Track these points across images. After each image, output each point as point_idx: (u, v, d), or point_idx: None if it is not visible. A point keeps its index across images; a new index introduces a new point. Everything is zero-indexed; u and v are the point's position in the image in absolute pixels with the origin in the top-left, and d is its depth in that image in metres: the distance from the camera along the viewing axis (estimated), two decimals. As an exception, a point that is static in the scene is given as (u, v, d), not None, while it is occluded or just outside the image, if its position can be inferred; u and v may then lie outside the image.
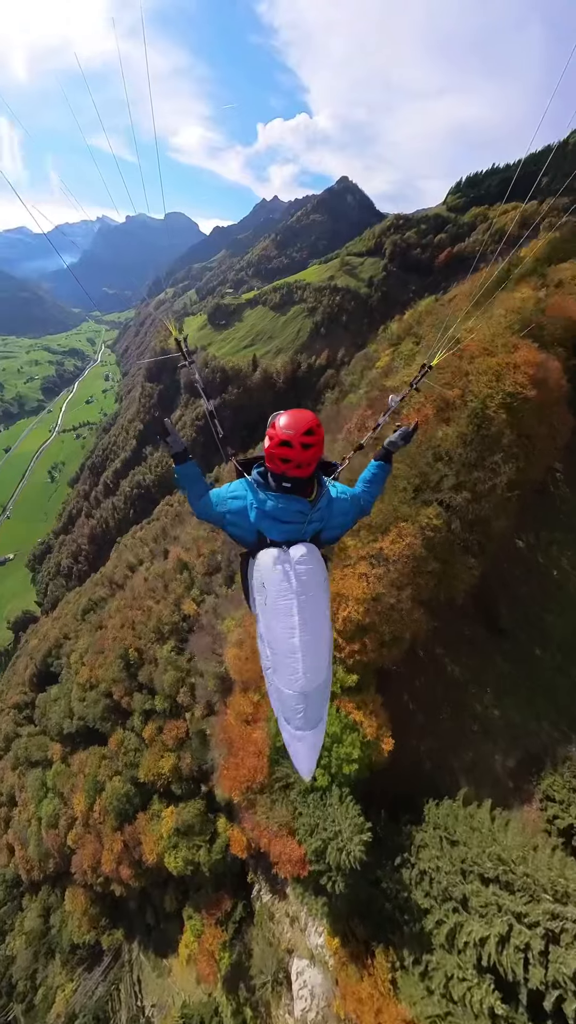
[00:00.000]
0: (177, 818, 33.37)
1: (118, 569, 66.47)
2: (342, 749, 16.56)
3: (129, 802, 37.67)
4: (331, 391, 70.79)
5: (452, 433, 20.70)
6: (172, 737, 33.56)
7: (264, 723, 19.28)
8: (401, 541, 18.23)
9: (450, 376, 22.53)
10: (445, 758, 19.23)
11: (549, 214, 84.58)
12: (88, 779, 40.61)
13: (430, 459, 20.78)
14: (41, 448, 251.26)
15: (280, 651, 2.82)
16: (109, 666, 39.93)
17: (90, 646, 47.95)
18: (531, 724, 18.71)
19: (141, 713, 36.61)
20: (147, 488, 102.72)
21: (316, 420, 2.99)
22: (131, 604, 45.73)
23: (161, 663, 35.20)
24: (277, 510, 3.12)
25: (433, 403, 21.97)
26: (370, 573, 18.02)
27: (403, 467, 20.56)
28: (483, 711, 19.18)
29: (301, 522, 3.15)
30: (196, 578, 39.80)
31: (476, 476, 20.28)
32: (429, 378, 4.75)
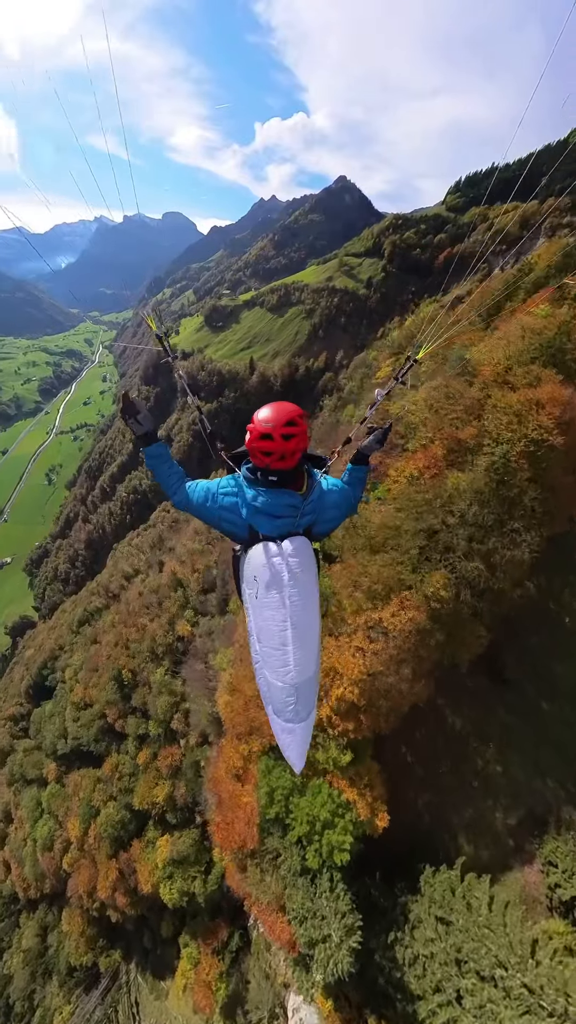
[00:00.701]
0: (172, 848, 32.53)
1: (114, 579, 65.49)
2: (334, 836, 15.35)
3: (124, 828, 37.05)
4: (329, 397, 69.54)
5: (466, 484, 18.21)
6: (166, 765, 32.58)
7: (253, 788, 18.07)
8: (403, 614, 16.42)
9: (463, 411, 20.20)
10: (444, 813, 18.08)
11: (551, 214, 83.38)
12: (83, 803, 40.04)
13: (439, 513, 18.25)
14: (38, 450, 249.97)
15: (270, 644, 2.81)
16: (103, 687, 38.98)
17: (84, 662, 47.02)
18: (535, 781, 17.47)
19: (135, 738, 35.66)
20: (143, 493, 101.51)
21: (298, 411, 2.95)
22: (125, 620, 44.71)
23: (155, 687, 34.14)
24: (268, 505, 3.08)
25: (444, 442, 19.65)
26: (367, 648, 16.41)
27: (409, 522, 18.42)
28: (484, 766, 17.93)
29: (293, 516, 3.11)
30: (191, 597, 38.68)
31: (493, 543, 17.75)
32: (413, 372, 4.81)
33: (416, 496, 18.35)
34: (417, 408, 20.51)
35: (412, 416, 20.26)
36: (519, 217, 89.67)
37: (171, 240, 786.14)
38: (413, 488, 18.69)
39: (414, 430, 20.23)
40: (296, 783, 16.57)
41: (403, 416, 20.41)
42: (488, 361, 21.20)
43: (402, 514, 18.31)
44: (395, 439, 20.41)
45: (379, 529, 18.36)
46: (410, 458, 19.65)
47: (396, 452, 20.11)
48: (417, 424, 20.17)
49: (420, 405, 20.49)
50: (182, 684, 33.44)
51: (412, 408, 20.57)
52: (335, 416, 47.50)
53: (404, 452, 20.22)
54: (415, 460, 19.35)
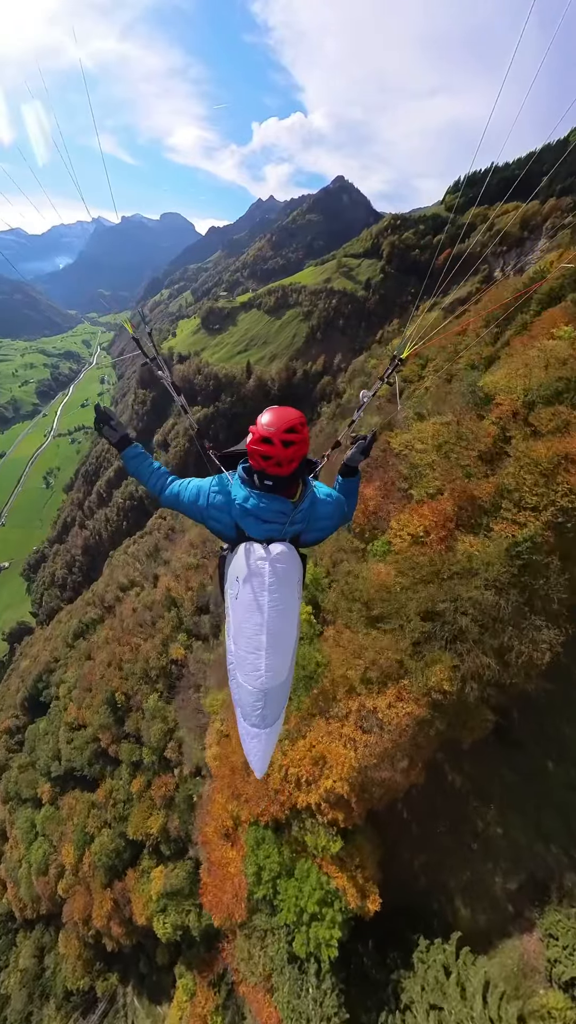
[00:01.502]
0: (165, 881, 31.42)
1: (109, 589, 64.39)
2: (322, 930, 14.08)
3: (119, 857, 36.27)
4: (328, 403, 68.06)
5: (480, 557, 15.49)
6: (160, 795, 31.48)
7: (241, 858, 16.79)
8: (401, 706, 14.48)
9: (476, 457, 17.57)
10: (441, 875, 16.84)
11: (552, 214, 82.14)
12: (77, 829, 39.23)
13: (447, 588, 15.65)
14: (36, 453, 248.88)
15: (245, 647, 2.80)
16: (96, 709, 37.93)
17: (78, 680, 45.97)
18: (537, 845, 16.17)
19: (129, 764, 34.54)
20: (139, 499, 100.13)
21: (300, 418, 2.95)
22: (119, 637, 43.59)
23: (148, 713, 32.98)
24: (259, 508, 3.06)
25: (455, 495, 17.10)
26: (359, 739, 14.69)
27: (411, 591, 16.17)
28: (485, 828, 16.64)
29: (282, 523, 3.08)
30: (184, 617, 37.48)
31: (508, 637, 15.07)
32: None
33: (420, 559, 16.31)
34: (424, 447, 18.38)
35: (418, 456, 18.25)
36: (519, 217, 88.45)
37: (169, 241, 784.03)
38: (417, 549, 16.63)
39: (420, 474, 18.11)
40: (284, 864, 15.36)
41: (408, 454, 18.55)
42: (505, 391, 18.71)
43: (403, 579, 16.27)
44: (399, 482, 18.50)
45: (377, 591, 16.49)
46: (415, 510, 17.47)
47: (398, 497, 18.31)
48: (423, 467, 18.03)
49: (427, 443, 18.37)
50: (176, 711, 32.25)
51: (418, 446, 18.47)
52: (333, 425, 46.11)
53: (408, 499, 18.21)
54: (420, 514, 17.14)
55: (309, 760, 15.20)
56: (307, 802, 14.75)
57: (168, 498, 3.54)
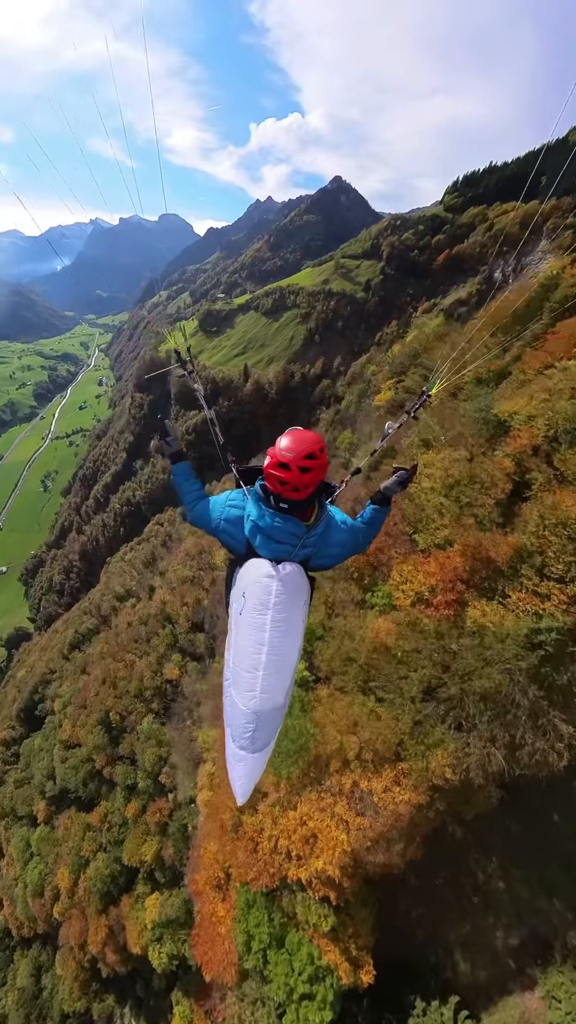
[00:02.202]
0: (160, 910, 30.36)
1: (106, 599, 63.44)
2: (312, 1011, 13.00)
3: (113, 882, 35.26)
4: (326, 409, 66.89)
5: (493, 631, 13.46)
6: (155, 821, 30.43)
7: (232, 920, 15.68)
8: (398, 792, 13.13)
9: (493, 504, 15.56)
10: (439, 928, 15.76)
11: (552, 215, 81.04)
12: (72, 852, 38.44)
13: (452, 664, 13.92)
14: (34, 456, 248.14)
15: (243, 665, 2.73)
16: (91, 729, 37.02)
17: (73, 696, 45.06)
18: (540, 900, 15.06)
19: (124, 788, 33.52)
20: (137, 505, 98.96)
21: (319, 443, 2.94)
22: (114, 652, 42.65)
23: (142, 736, 31.99)
24: (272, 528, 3.02)
25: (467, 552, 14.83)
26: (352, 821, 13.54)
27: (416, 677, 14.40)
28: (486, 880, 15.51)
29: (294, 545, 3.04)
30: (179, 635, 36.43)
31: (521, 732, 13.21)
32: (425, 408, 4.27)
33: (425, 623, 14.56)
34: (432, 485, 16.55)
35: (424, 496, 16.42)
36: (520, 218, 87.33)
37: (168, 242, 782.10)
38: (422, 610, 14.84)
39: (427, 518, 16.22)
40: (274, 933, 14.29)
41: (413, 492, 16.74)
42: (525, 422, 16.64)
43: (405, 644, 14.59)
44: (403, 527, 16.98)
45: (375, 653, 14.96)
46: (420, 563, 15.61)
47: (402, 540, 16.73)
48: (430, 510, 16.19)
49: (436, 481, 16.55)
50: (171, 732, 31.21)
51: (425, 483, 16.60)
52: (331, 434, 45.03)
53: (412, 544, 16.44)
54: (426, 569, 15.28)
55: (300, 837, 14.10)
56: (297, 876, 13.66)
57: (194, 518, 3.64)
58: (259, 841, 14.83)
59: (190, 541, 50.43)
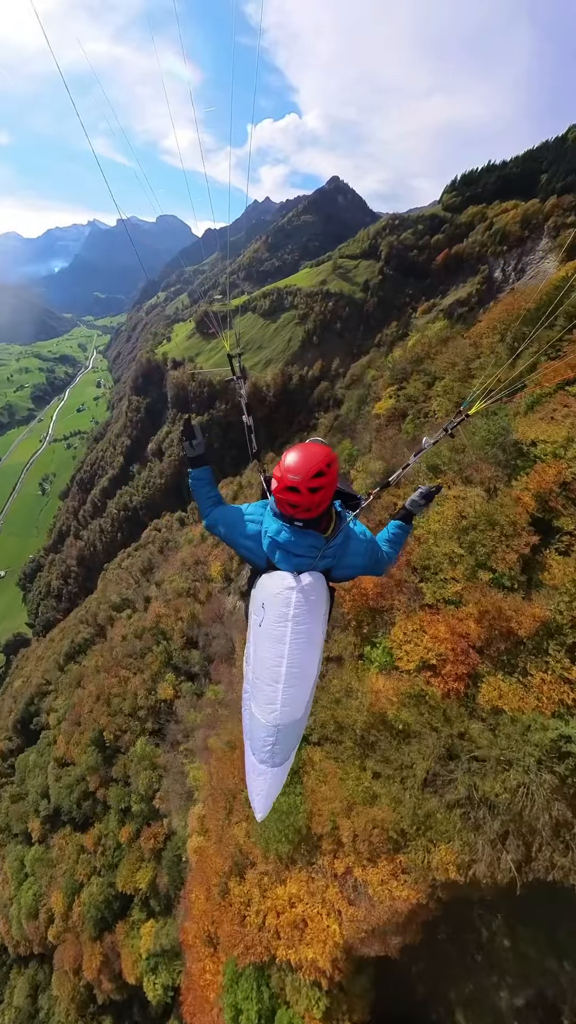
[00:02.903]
0: (155, 940, 29.24)
1: (102, 608, 62.39)
2: None
3: (108, 907, 34.10)
4: (324, 413, 65.64)
5: (511, 718, 11.55)
6: (150, 847, 29.28)
7: (220, 986, 14.43)
8: (396, 888, 11.34)
9: (516, 558, 13.56)
10: (440, 985, 14.58)
11: (553, 213, 79.85)
12: (66, 876, 37.32)
13: (459, 746, 12.14)
14: (32, 459, 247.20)
15: (263, 678, 2.68)
16: (84, 748, 35.89)
17: (67, 711, 43.98)
18: (549, 961, 13.83)
19: (118, 811, 32.38)
20: (134, 510, 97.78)
21: (328, 458, 2.81)
22: (109, 666, 41.53)
23: (136, 758, 30.85)
24: (290, 542, 2.97)
25: (479, 616, 12.86)
26: (344, 911, 12.08)
27: (419, 764, 12.52)
28: (490, 937, 14.28)
29: (313, 557, 2.99)
30: (173, 652, 35.30)
31: (539, 843, 11.31)
32: None
33: (430, 692, 12.63)
34: (443, 528, 14.39)
35: (433, 541, 14.30)
36: (519, 216, 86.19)
37: (165, 243, 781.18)
38: (428, 677, 12.66)
39: (436, 567, 14.15)
40: (264, 1010, 13.10)
41: (422, 535, 14.78)
42: (552, 454, 14.40)
43: (407, 716, 12.64)
44: (407, 573, 14.97)
45: (372, 721, 13.22)
46: (427, 622, 13.44)
47: (407, 588, 14.68)
48: (440, 557, 14.13)
49: (447, 521, 14.48)
50: (164, 754, 30.06)
51: (435, 524, 14.50)
52: (330, 439, 43.79)
53: (417, 595, 14.37)
54: (434, 628, 13.13)
55: (288, 921, 12.87)
56: (287, 957, 12.48)
57: (209, 524, 3.61)
58: (246, 914, 13.64)
59: (186, 550, 49.36)
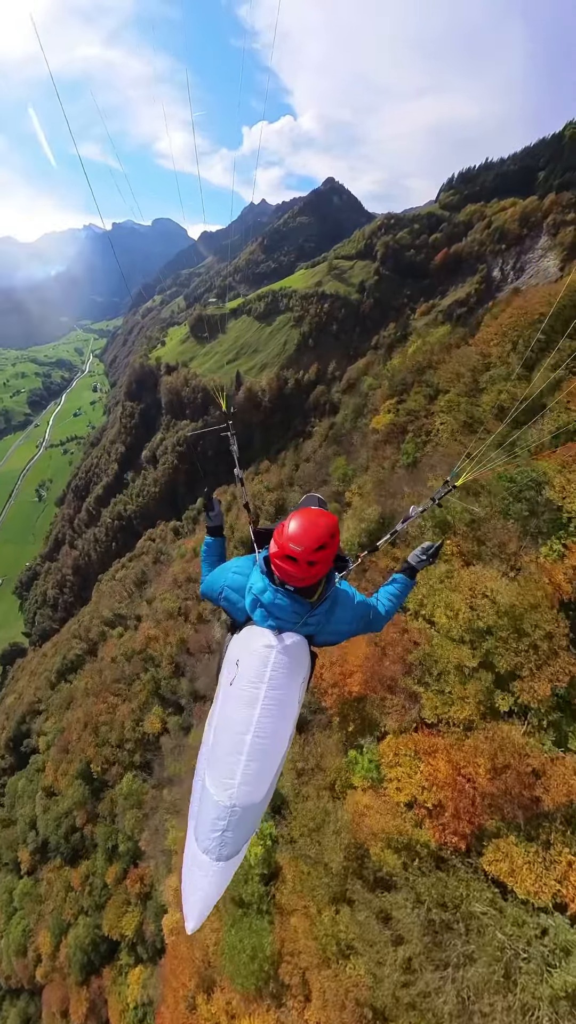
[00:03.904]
0: (142, 990, 27.39)
1: (94, 623, 60.66)
2: None
3: (95, 950, 32.29)
4: (320, 421, 63.81)
5: (521, 898, 9.06)
6: (135, 891, 27.46)
7: None
8: None
9: (544, 697, 11.07)
10: None
11: (552, 210, 78.19)
12: (54, 916, 35.59)
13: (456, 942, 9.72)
14: (28, 465, 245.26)
15: (224, 745, 2.40)
16: (71, 781, 34.18)
17: (56, 737, 42.27)
18: None
19: (105, 849, 30.60)
20: (128, 519, 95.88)
21: (331, 530, 2.71)
22: (97, 689, 39.76)
23: (122, 797, 29.13)
24: (273, 604, 2.82)
25: (495, 770, 10.51)
26: None
27: (402, 945, 10.15)
28: None
29: (295, 623, 2.83)
30: (161, 681, 33.53)
31: None
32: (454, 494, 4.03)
33: (421, 839, 10.06)
34: (452, 625, 11.25)
35: (438, 641, 11.36)
36: (518, 214, 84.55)
37: (161, 246, 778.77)
38: (420, 820, 9.96)
39: (439, 674, 11.11)
40: None
41: (422, 627, 12.01)
42: None
43: (391, 857, 10.07)
44: (404, 678, 12.21)
45: (350, 854, 10.71)
46: (425, 746, 10.64)
47: (400, 689, 11.91)
48: (446, 663, 11.21)
49: (457, 616, 11.32)
50: (151, 788, 28.26)
51: (441, 617, 11.43)
52: (325, 450, 42.01)
53: (412, 700, 11.75)
54: (432, 764, 10.39)
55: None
56: None
57: (203, 591, 3.58)
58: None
59: (178, 566, 47.67)
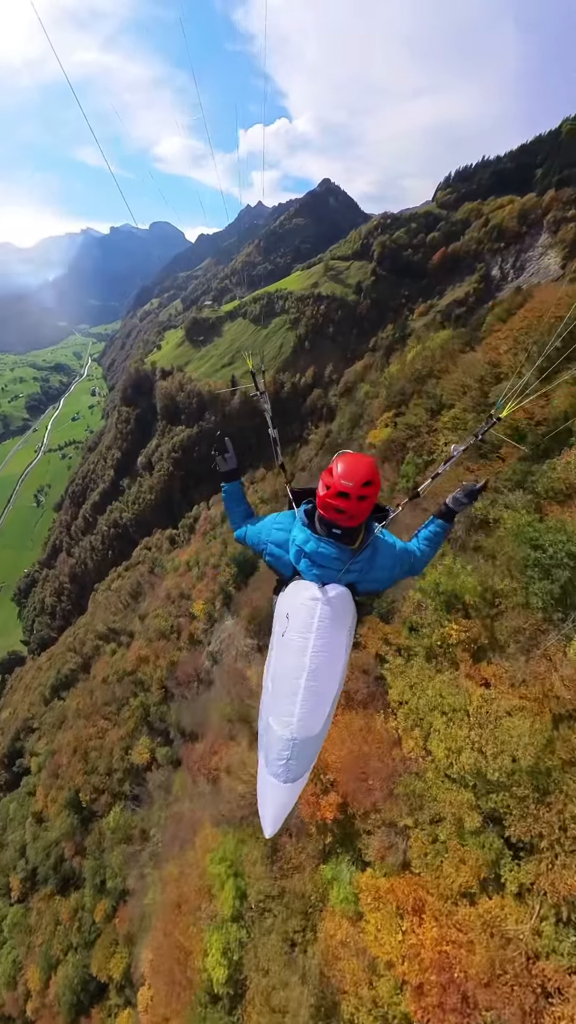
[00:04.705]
0: (133, 1036, 25.90)
1: (88, 638, 59.32)
2: None
3: (84, 989, 30.77)
4: (316, 429, 62.33)
5: None
6: (124, 932, 26.07)
7: None
8: None
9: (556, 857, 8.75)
10: None
11: (552, 207, 76.65)
12: (42, 952, 34.11)
13: None
14: (26, 470, 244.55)
15: (282, 689, 2.66)
16: (60, 809, 32.78)
17: (47, 759, 40.85)
18: None
19: (93, 885, 29.18)
20: (124, 527, 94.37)
21: (374, 470, 2.86)
22: (88, 712, 38.38)
23: (110, 831, 27.78)
24: (316, 553, 2.97)
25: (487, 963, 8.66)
26: None
27: None
28: None
29: (339, 570, 2.97)
30: (151, 707, 32.09)
31: None
32: None
33: (397, 1010, 8.03)
34: (452, 762, 9.07)
35: (433, 777, 9.04)
36: (517, 211, 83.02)
37: (159, 250, 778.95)
38: (400, 985, 7.91)
39: (429, 806, 8.98)
40: None
41: (417, 766, 9.81)
42: None
43: (362, 1019, 8.05)
44: (389, 811, 10.04)
45: (319, 1007, 8.86)
46: (409, 899, 8.42)
47: (387, 829, 9.57)
48: (442, 805, 8.88)
49: (460, 752, 9.17)
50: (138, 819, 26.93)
51: (437, 745, 9.25)
52: (320, 460, 40.39)
53: (401, 837, 9.54)
54: (420, 928, 8.16)
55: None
56: None
57: (239, 536, 3.71)
58: None
59: (171, 580, 46.26)
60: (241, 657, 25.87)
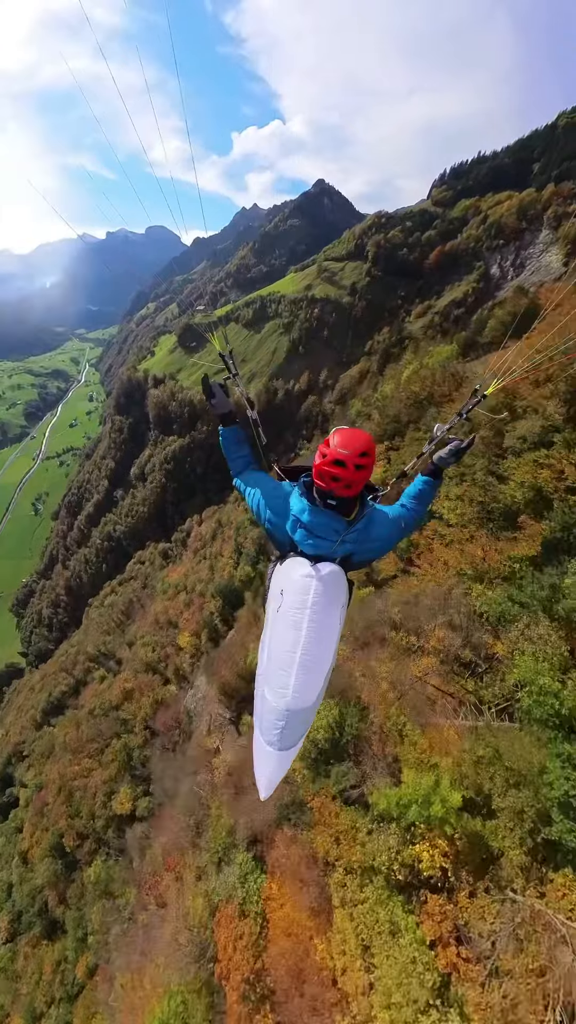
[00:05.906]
0: None
1: (80, 659, 57.70)
2: None
3: None
4: (308, 443, 60.37)
5: None
6: (104, 993, 24.25)
7: None
8: None
9: None
10: None
11: (552, 201, 74.43)
12: (26, 1002, 32.42)
13: None
14: (24, 478, 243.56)
15: (276, 663, 2.76)
16: (43, 855, 31.08)
17: (35, 793, 39.22)
18: None
19: (75, 940, 27.47)
20: (118, 540, 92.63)
21: (371, 443, 3.00)
22: (74, 746, 36.65)
23: (91, 884, 26.05)
24: (313, 523, 3.08)
25: None
26: None
27: None
28: None
29: (334, 540, 3.08)
30: (133, 751, 30.33)
31: None
32: None
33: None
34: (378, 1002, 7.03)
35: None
36: (515, 207, 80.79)
37: (155, 254, 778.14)
38: None
39: None
40: None
41: None
42: None
43: None
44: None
45: None
46: None
47: None
48: None
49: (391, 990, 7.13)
50: (120, 874, 25.16)
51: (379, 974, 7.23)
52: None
53: None
54: None
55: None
56: None
57: (238, 484, 3.72)
58: None
59: (159, 605, 44.60)
60: (215, 728, 24.23)
